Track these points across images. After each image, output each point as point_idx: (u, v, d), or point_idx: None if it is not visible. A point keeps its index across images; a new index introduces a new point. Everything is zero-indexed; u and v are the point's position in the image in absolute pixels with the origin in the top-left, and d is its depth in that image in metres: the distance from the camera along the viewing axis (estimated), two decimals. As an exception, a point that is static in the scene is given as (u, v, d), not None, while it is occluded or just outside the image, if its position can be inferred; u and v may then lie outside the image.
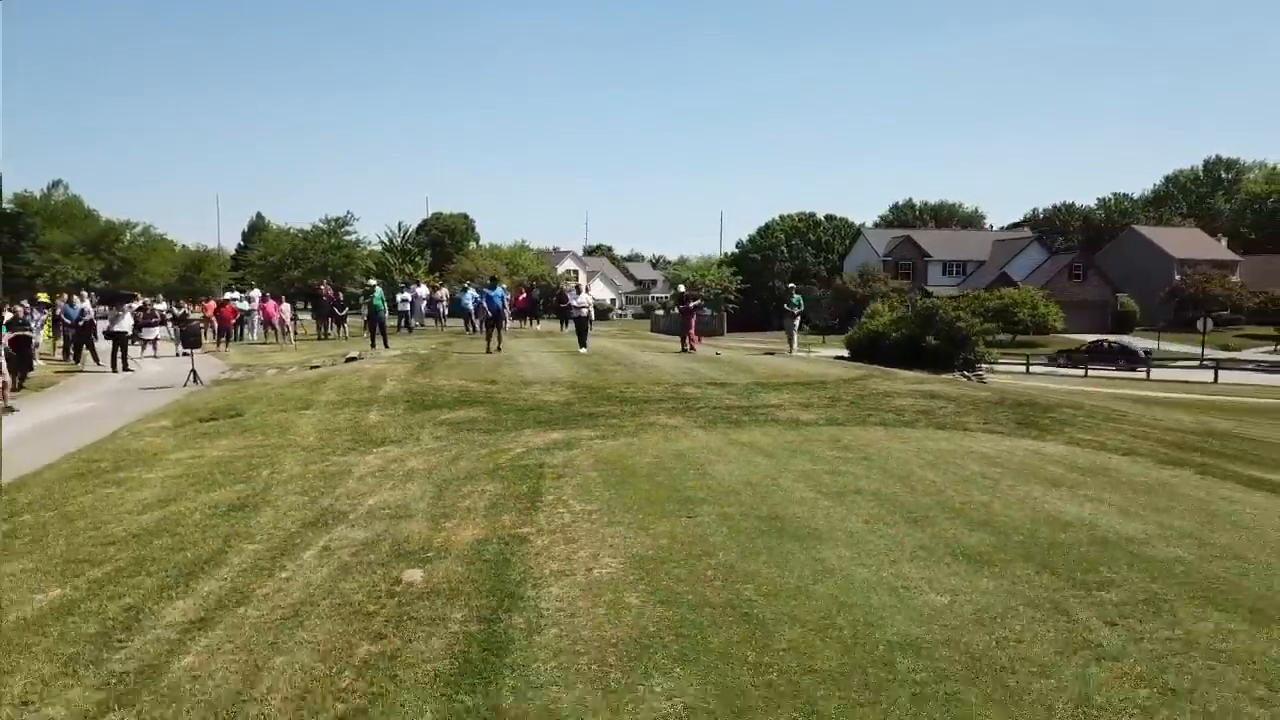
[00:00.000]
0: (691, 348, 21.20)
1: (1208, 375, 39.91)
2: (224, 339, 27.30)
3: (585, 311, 22.71)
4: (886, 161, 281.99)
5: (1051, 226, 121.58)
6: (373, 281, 30.92)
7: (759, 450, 9.35)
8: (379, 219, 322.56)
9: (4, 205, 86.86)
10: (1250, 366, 44.22)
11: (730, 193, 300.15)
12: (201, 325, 26.10)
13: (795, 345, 25.91)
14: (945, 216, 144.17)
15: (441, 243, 78.23)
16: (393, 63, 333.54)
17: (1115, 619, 4.89)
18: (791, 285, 30.07)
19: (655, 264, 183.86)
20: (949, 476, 8.33)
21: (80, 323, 22.44)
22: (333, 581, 5.57)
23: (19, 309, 21.45)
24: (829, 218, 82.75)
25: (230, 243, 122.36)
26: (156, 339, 24.86)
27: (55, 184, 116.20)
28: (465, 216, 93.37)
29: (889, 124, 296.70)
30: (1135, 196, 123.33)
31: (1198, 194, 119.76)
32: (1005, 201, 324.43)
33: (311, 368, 19.33)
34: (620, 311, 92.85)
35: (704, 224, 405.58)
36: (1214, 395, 32.99)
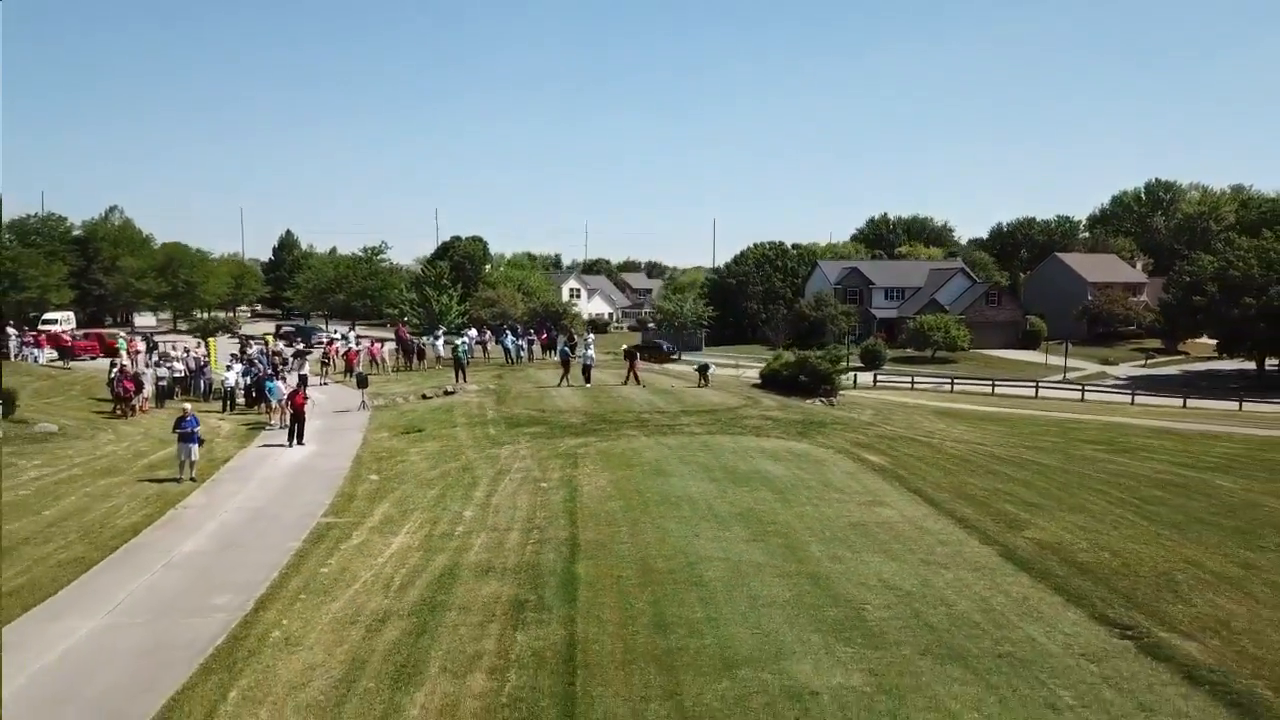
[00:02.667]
0: (636, 380, 33.71)
1: (1048, 388, 52.09)
2: (348, 374, 39.96)
3: (590, 356, 35.50)
4: (864, 177, 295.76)
5: (1013, 239, 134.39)
6: (469, 333, 43.90)
7: (666, 445, 22.18)
8: (391, 225, 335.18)
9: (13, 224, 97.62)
10: (1072, 384, 55.18)
11: (721, 202, 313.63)
12: (327, 362, 39.11)
13: (709, 380, 37.90)
14: (917, 230, 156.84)
15: (462, 267, 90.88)
16: (403, 75, 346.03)
17: (748, 490, 17.71)
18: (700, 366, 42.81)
19: (650, 272, 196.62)
20: (737, 455, 21.17)
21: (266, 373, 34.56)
22: (516, 490, 18.34)
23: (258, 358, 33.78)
24: (795, 246, 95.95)
25: (238, 247, 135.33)
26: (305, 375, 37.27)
27: (112, 209, 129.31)
28: (480, 240, 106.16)
29: (868, 141, 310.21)
30: (1083, 216, 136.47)
31: (1139, 213, 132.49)
32: (975, 215, 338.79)
33: (424, 397, 32.10)
34: (617, 325, 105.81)
35: (698, 231, 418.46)
36: (997, 407, 43.95)
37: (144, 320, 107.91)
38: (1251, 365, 56.87)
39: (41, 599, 12.80)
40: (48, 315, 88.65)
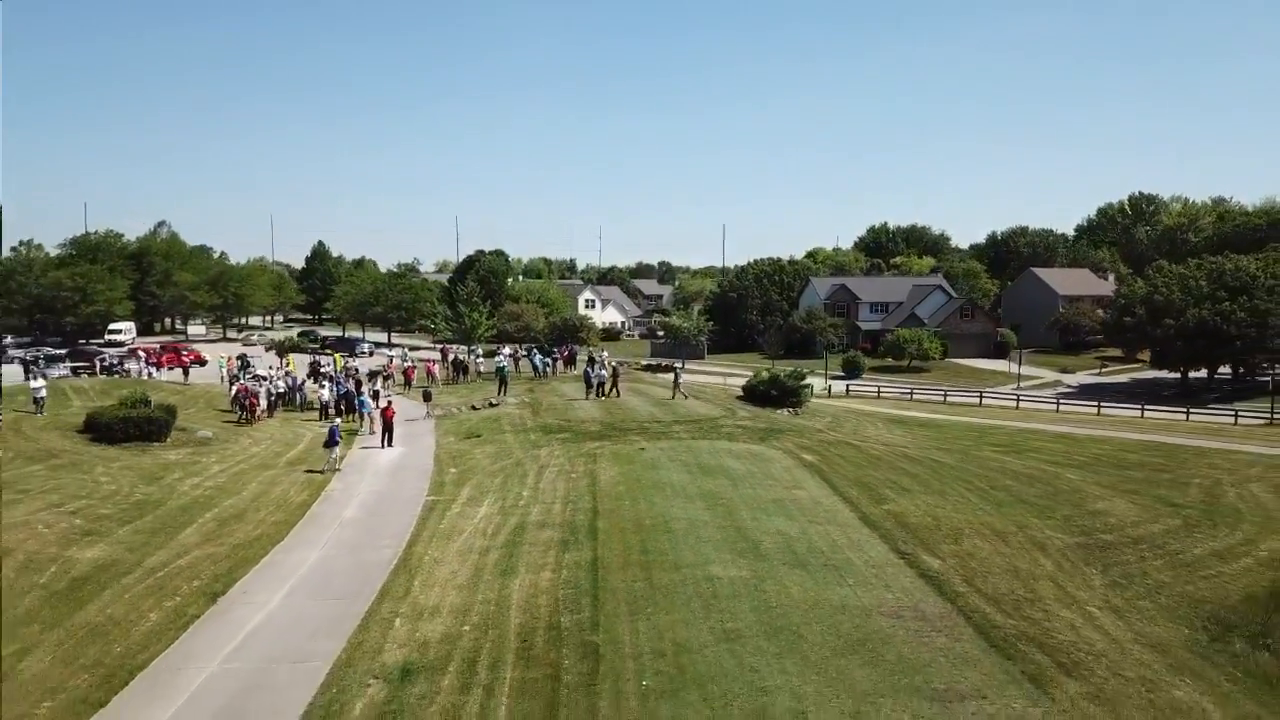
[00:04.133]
0: (618, 394, 42.22)
1: (1002, 396, 60.44)
2: (406, 386, 48.70)
3: (604, 374, 44.06)
4: (869, 182, 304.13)
5: (1006, 247, 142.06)
6: (505, 351, 52.61)
7: (659, 448, 30.75)
8: (411, 227, 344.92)
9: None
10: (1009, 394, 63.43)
11: (732, 204, 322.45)
12: (389, 376, 47.94)
13: (683, 393, 46.16)
14: (915, 238, 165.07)
15: (487, 280, 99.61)
16: (420, 84, 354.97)
17: (711, 479, 26.26)
18: (678, 365, 51.43)
19: (662, 278, 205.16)
20: (709, 455, 29.72)
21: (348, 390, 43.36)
22: (555, 479, 26.91)
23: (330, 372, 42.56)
24: (791, 262, 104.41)
25: (261, 251, 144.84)
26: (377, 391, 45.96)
27: (160, 224, 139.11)
28: (502, 255, 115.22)
29: (870, 150, 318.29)
30: (1068, 228, 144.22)
31: (1123, 225, 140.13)
32: (974, 220, 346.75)
33: (474, 408, 40.77)
34: (629, 333, 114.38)
35: (709, 231, 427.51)
36: (942, 414, 52.25)
37: (194, 329, 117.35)
38: (1202, 375, 64.77)
39: (276, 542, 21.49)
40: (113, 325, 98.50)
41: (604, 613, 15.86)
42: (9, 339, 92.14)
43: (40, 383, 34.80)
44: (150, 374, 50.16)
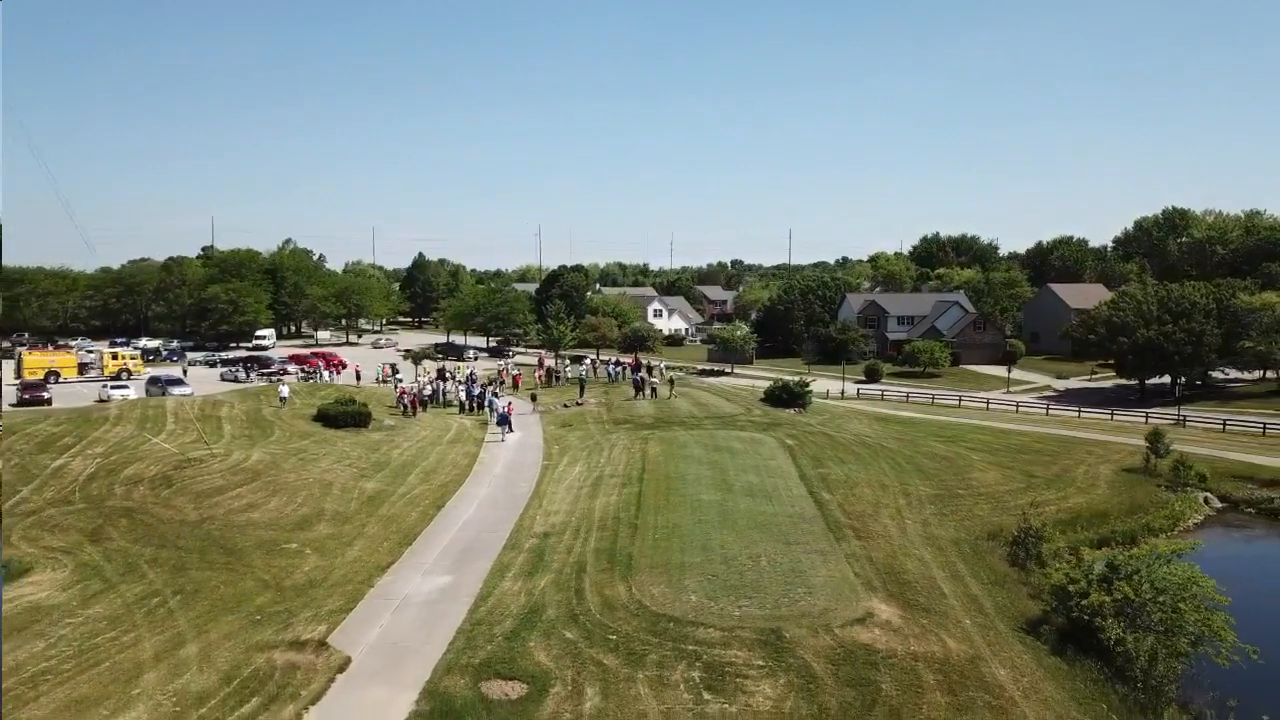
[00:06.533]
0: (653, 394, 57.79)
1: (994, 398, 73.91)
2: (515, 388, 65.02)
3: (655, 381, 59.65)
4: (918, 195, 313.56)
5: (1044, 259, 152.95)
6: (586, 361, 68.73)
7: (690, 435, 46.27)
8: (496, 233, 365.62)
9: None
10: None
11: (799, 207, 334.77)
12: (503, 382, 64.48)
13: (672, 394, 61.76)
14: (965, 247, 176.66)
15: (569, 296, 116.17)
16: (506, 99, 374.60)
17: (718, 454, 41.74)
18: (678, 373, 66.61)
19: (728, 282, 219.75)
20: (723, 439, 45.13)
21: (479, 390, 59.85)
22: (620, 453, 42.65)
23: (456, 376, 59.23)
24: (833, 277, 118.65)
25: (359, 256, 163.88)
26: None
27: (286, 241, 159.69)
28: (583, 271, 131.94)
29: (924, 160, 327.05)
30: (1102, 240, 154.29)
31: (1156, 238, 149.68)
32: (1026, 229, 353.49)
33: (564, 406, 56.84)
34: (691, 339, 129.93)
35: (776, 235, 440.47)
36: (924, 414, 66.89)
37: (322, 334, 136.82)
38: (1165, 381, 77.09)
39: (460, 484, 37.69)
40: (259, 332, 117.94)
41: (641, 513, 31.54)
42: (175, 343, 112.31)
43: (285, 389, 52.13)
44: (330, 378, 67.72)
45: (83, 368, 72.14)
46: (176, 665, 20.20)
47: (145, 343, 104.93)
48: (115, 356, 74.69)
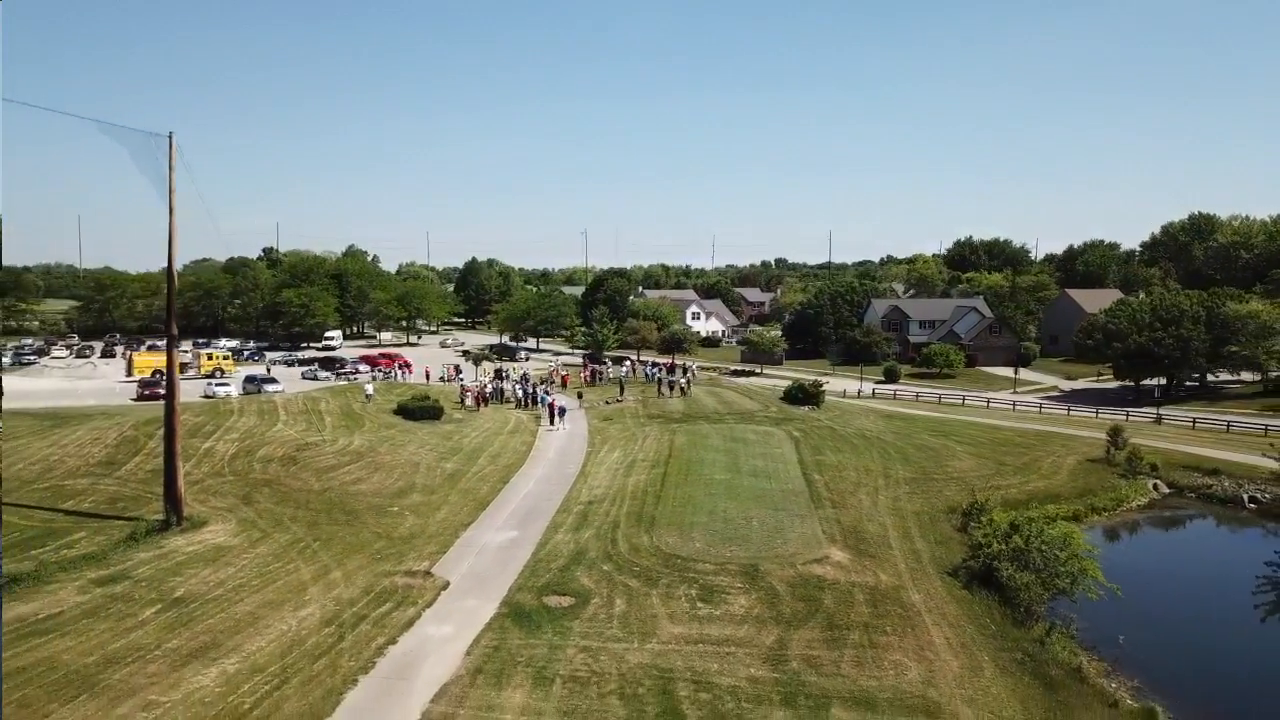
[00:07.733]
0: (672, 393, 65.88)
1: (994, 394, 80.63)
2: (563, 387, 73.49)
3: (684, 380, 67.75)
4: (951, 199, 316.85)
5: (1071, 263, 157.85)
6: (625, 364, 77.14)
7: (713, 427, 54.36)
8: (543, 234, 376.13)
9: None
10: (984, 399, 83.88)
11: (838, 209, 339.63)
12: (553, 381, 73.11)
13: (683, 391, 69.68)
14: (998, 251, 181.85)
15: (613, 300, 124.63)
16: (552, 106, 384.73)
17: (734, 444, 49.81)
18: (690, 372, 74.59)
19: (766, 284, 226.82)
20: (740, 431, 53.17)
21: (532, 387, 68.45)
22: (652, 443, 50.89)
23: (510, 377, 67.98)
24: (861, 281, 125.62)
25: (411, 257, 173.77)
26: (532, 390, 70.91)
27: (349, 247, 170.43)
28: (625, 276, 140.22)
29: (959, 168, 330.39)
30: (1131, 243, 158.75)
31: (1181, 243, 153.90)
32: (1059, 234, 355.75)
33: (606, 403, 65.22)
34: (728, 341, 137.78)
35: (820, 234, 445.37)
36: (928, 412, 74.00)
37: (385, 335, 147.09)
38: (1163, 383, 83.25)
39: (520, 465, 46.25)
40: (328, 333, 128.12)
41: (664, 488, 39.73)
42: (252, 343, 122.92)
43: (370, 387, 61.29)
44: (402, 376, 77.07)
45: (183, 367, 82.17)
46: (329, 584, 28.89)
47: (226, 343, 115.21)
48: (210, 356, 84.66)
